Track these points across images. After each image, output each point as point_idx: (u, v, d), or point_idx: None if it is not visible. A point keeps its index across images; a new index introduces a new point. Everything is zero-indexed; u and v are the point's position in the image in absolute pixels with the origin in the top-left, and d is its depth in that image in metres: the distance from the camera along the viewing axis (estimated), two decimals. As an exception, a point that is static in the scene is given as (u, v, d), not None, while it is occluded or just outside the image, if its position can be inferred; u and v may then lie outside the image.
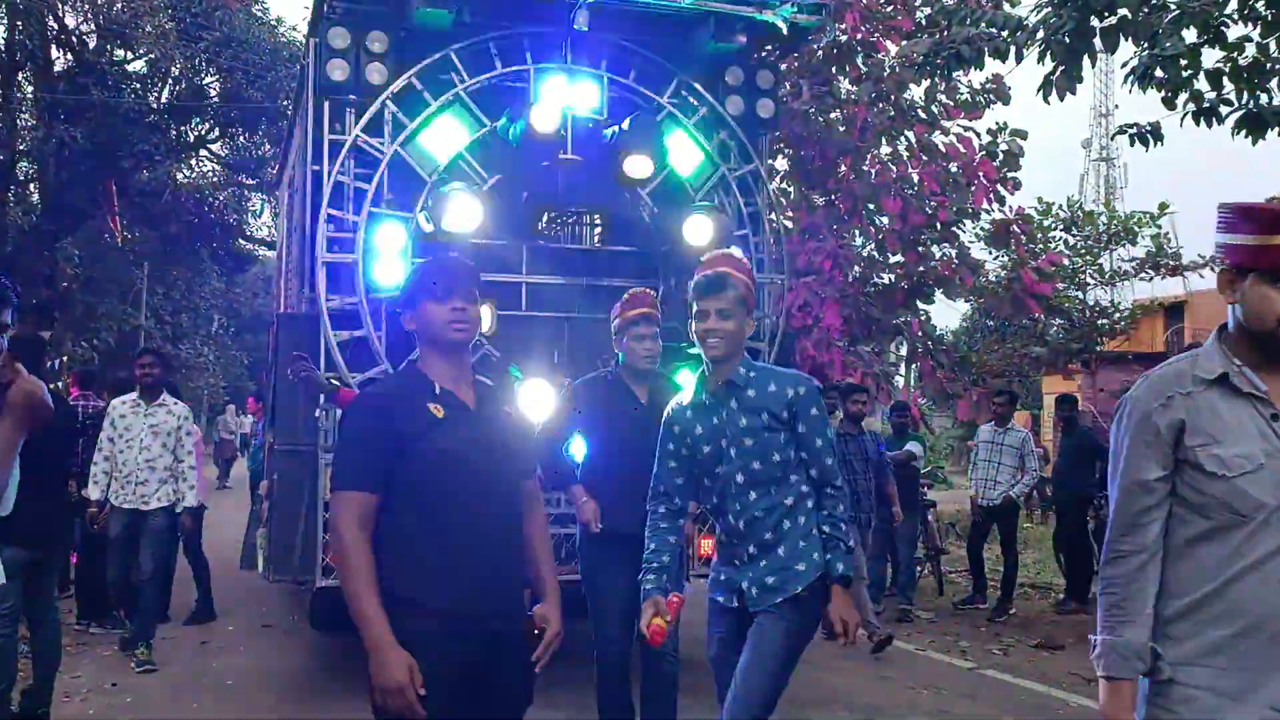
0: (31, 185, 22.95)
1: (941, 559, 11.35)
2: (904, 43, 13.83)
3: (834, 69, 14.34)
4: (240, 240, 25.06)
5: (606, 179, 6.86)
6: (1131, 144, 6.67)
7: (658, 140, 6.69)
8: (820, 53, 14.09)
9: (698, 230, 6.64)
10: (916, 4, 14.85)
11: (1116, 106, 52.27)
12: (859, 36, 14.11)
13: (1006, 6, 13.83)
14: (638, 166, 6.60)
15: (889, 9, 14.52)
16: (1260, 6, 5.84)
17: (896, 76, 13.67)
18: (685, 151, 6.96)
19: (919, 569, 10.92)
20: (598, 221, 8.32)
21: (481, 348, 6.69)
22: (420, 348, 3.07)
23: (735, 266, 3.62)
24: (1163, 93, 6.43)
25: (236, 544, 8.91)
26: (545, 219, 8.39)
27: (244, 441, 25.82)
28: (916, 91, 14.06)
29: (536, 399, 6.21)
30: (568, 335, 7.28)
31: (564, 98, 6.61)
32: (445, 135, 6.58)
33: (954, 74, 9.22)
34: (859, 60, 14.25)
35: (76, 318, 22.87)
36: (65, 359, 21.72)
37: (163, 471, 7.41)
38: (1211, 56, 6.38)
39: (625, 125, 6.62)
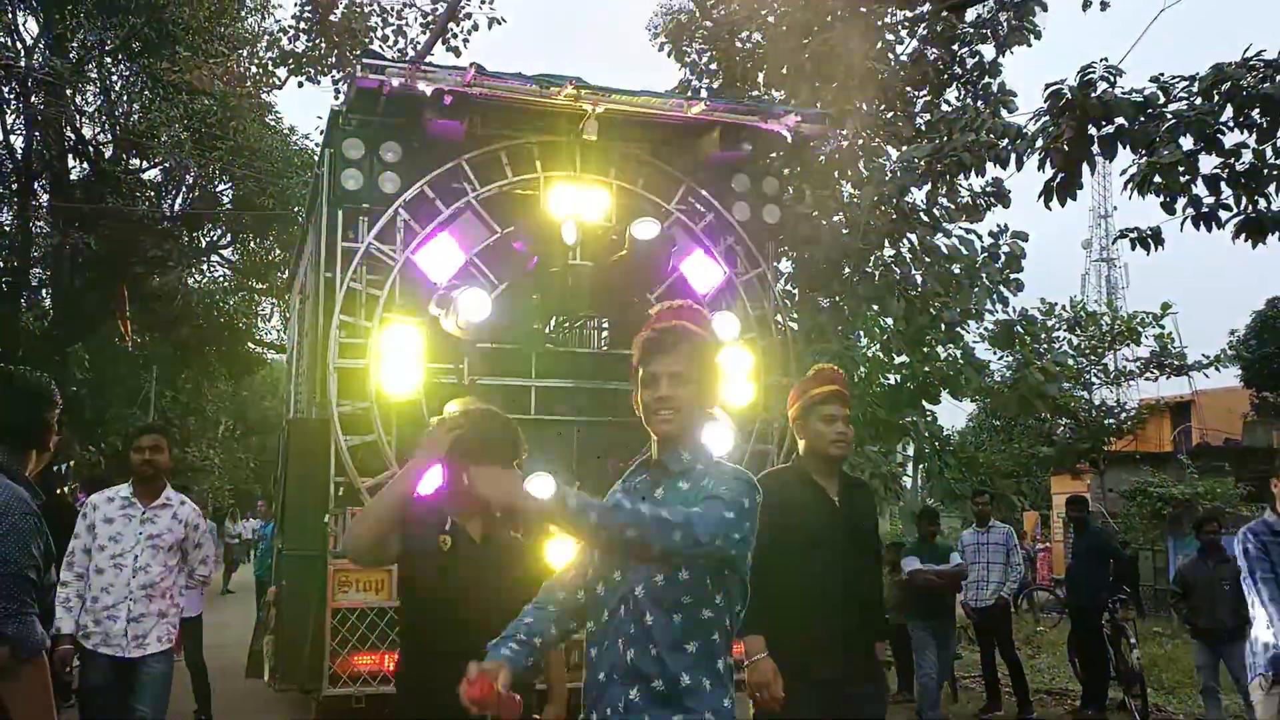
0: (44, 291, 23.24)
1: (954, 664, 11.15)
2: (905, 148, 14.08)
3: (836, 173, 14.58)
4: (249, 344, 25.24)
5: (614, 284, 6.95)
6: (1133, 248, 6.76)
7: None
8: (823, 158, 14.35)
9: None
10: (916, 110, 15.18)
11: (1115, 208, 52.93)
12: (860, 142, 14.38)
13: (1005, 114, 14.20)
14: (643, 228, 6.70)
15: (889, 115, 14.83)
16: (1255, 114, 5.96)
17: (898, 181, 13.88)
18: (693, 256, 7.06)
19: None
20: (605, 325, 8.39)
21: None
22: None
23: (691, 318, 2.85)
24: (1162, 198, 6.53)
25: (241, 651, 8.79)
26: (553, 323, 8.46)
27: (245, 546, 25.71)
28: (918, 195, 14.26)
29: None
30: (576, 439, 7.28)
31: (573, 205, 6.73)
32: (456, 242, 6.68)
33: (955, 179, 9.37)
34: (860, 165, 14.50)
35: (84, 422, 22.93)
36: (72, 463, 21.72)
37: (164, 602, 5.36)
38: (1209, 162, 6.49)
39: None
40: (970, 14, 15.20)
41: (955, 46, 15.46)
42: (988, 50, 15.31)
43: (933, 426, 15.51)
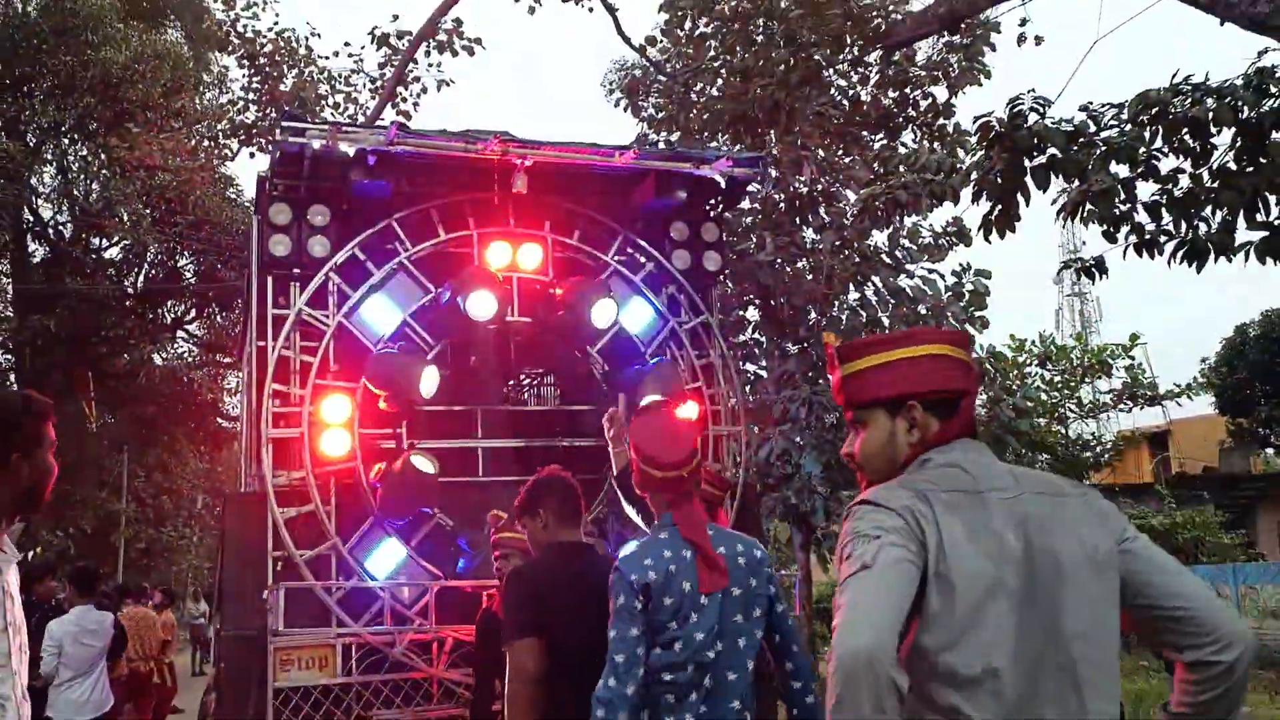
0: (10, 375, 22.96)
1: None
2: (861, 191, 14.08)
3: (796, 219, 14.56)
4: (218, 419, 24.95)
5: (555, 338, 6.83)
6: (1078, 278, 6.68)
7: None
8: (783, 205, 14.35)
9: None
10: (874, 154, 15.19)
11: (1084, 243, 53.32)
12: (820, 187, 14.38)
13: (961, 154, 14.22)
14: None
15: (847, 160, 14.85)
16: (1187, 138, 5.91)
17: (858, 224, 13.87)
18: (633, 307, 6.95)
19: None
20: (553, 382, 8.26)
21: (434, 516, 6.54)
22: None
23: None
24: (1103, 227, 6.45)
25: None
26: (502, 382, 8.32)
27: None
28: (879, 237, 14.25)
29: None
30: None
31: (508, 260, 6.63)
32: (390, 304, 6.56)
33: (895, 217, 9.32)
34: (821, 210, 14.49)
35: (51, 505, 22.55)
36: (39, 549, 21.32)
37: None
38: (1148, 189, 6.43)
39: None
40: (920, 56, 15.32)
41: (908, 89, 15.56)
42: (940, 92, 15.43)
43: (907, 469, 15.33)
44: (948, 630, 1.89)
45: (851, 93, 15.07)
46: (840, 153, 14.97)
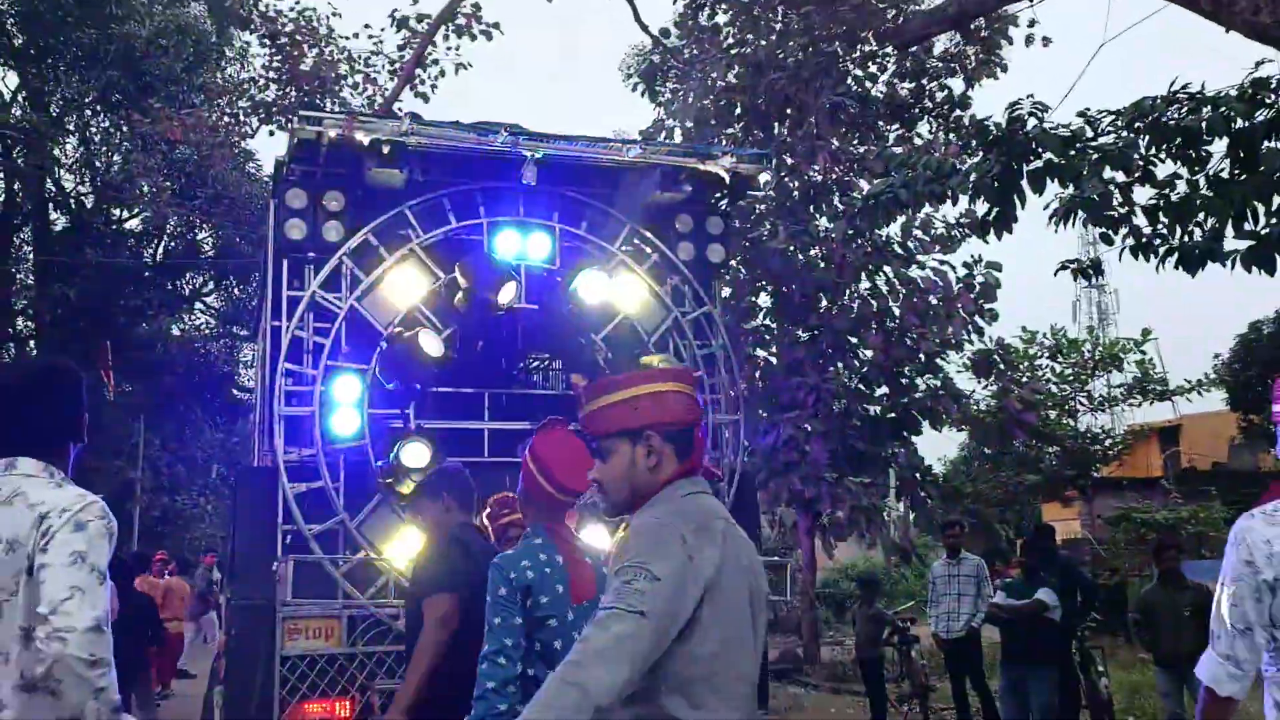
0: (31, 342, 23.29)
1: (929, 696, 11.10)
2: (875, 181, 14.13)
3: (810, 208, 14.64)
4: (233, 391, 25.26)
5: (562, 325, 7.01)
6: (1074, 278, 6.83)
7: None
8: (796, 193, 14.46)
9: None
10: (890, 144, 15.23)
11: (1100, 236, 52.87)
12: (834, 177, 14.47)
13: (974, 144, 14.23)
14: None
15: (862, 150, 14.92)
16: (1180, 145, 6.03)
17: (870, 215, 13.93)
18: (638, 296, 7.12)
19: (906, 706, 10.71)
20: (560, 368, 8.45)
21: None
22: None
23: None
24: (1101, 229, 6.60)
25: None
26: (510, 367, 8.50)
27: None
28: (892, 227, 14.33)
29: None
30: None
31: (517, 249, 6.80)
32: (401, 288, 6.74)
33: (892, 217, 9.47)
34: (835, 199, 14.58)
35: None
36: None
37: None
38: (1145, 194, 6.56)
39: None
40: (937, 49, 15.36)
41: (924, 81, 15.60)
42: (956, 84, 15.47)
43: (914, 457, 15.48)
44: (717, 642, 2.23)
45: (866, 84, 15.11)
46: (856, 142, 15.04)
